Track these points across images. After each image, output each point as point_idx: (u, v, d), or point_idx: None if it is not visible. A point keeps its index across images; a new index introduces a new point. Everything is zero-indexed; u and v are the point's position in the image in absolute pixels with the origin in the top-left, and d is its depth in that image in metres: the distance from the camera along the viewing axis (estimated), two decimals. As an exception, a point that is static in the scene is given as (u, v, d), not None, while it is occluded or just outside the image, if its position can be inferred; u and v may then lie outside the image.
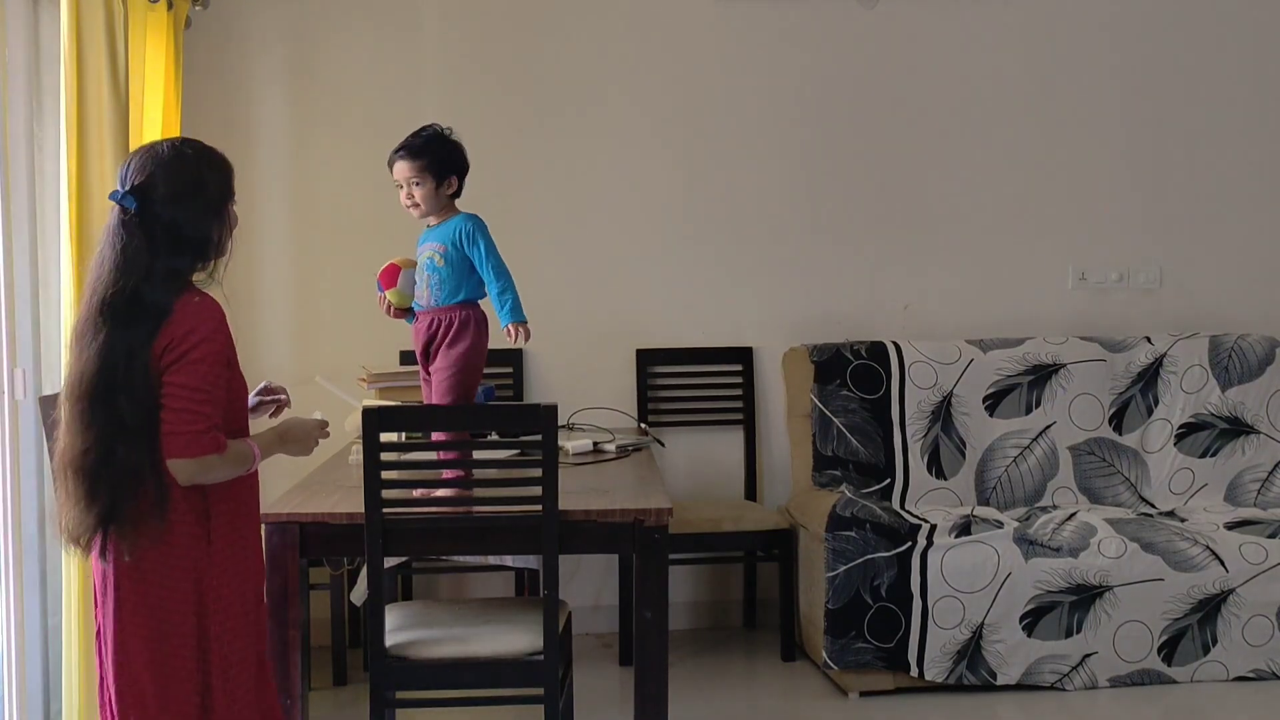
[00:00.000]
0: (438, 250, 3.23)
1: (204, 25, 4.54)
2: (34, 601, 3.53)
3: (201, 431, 2.39)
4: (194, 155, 2.48)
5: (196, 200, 2.45)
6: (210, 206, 2.48)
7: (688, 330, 4.85)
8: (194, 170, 2.46)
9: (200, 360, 2.39)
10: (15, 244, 3.41)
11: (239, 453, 2.48)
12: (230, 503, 2.51)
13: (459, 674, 3.10)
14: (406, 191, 3.23)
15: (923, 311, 4.90)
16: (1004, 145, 4.90)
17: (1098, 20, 4.91)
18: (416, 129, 3.25)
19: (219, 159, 2.53)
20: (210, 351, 2.41)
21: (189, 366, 2.38)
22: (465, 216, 3.27)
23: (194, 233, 2.44)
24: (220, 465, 2.43)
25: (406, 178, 3.21)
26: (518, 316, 3.24)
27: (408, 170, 3.21)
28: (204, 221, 2.46)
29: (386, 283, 3.31)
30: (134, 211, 2.40)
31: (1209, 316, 4.94)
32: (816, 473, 4.54)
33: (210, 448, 2.40)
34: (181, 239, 2.43)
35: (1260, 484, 4.60)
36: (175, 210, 2.42)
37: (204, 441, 2.39)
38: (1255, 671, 4.08)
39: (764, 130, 4.83)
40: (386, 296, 3.31)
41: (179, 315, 2.39)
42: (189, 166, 2.46)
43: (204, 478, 2.42)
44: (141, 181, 2.42)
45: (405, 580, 4.64)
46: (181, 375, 2.38)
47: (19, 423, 3.37)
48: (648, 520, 3.01)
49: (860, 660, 4.02)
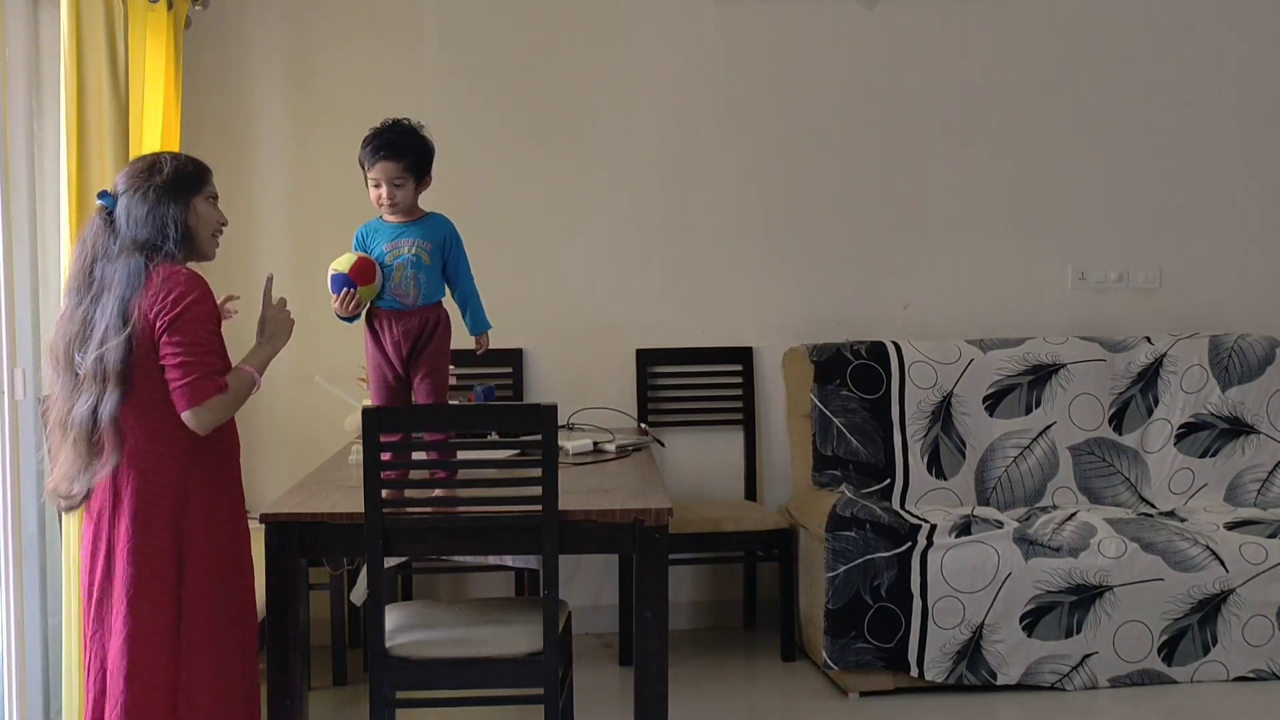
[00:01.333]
0: (424, 248, 3.13)
1: (204, 25, 4.54)
2: (34, 601, 3.53)
3: (199, 379, 2.64)
4: (156, 155, 2.81)
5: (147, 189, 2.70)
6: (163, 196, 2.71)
7: (688, 330, 4.85)
8: (152, 165, 2.74)
9: (194, 319, 2.65)
10: (15, 244, 3.41)
11: (241, 382, 2.75)
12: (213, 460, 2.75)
13: (459, 674, 3.10)
14: (386, 191, 3.10)
15: (923, 311, 4.90)
16: (1004, 145, 4.90)
17: (1098, 21, 4.92)
18: (385, 122, 3.14)
19: (183, 158, 2.81)
20: (201, 311, 2.67)
21: (183, 325, 2.64)
22: (444, 217, 3.21)
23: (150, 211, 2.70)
24: (227, 402, 2.70)
25: (389, 178, 3.09)
26: (487, 325, 3.30)
27: (392, 170, 3.09)
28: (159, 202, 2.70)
29: (364, 278, 3.07)
30: (107, 207, 2.72)
31: (1209, 316, 4.94)
32: (816, 473, 4.54)
33: (211, 390, 2.66)
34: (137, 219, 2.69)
35: (1260, 484, 4.60)
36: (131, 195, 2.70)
37: (203, 386, 2.64)
38: (1255, 671, 4.08)
39: (764, 130, 4.83)
40: (358, 294, 3.07)
41: (156, 284, 2.64)
42: (148, 163, 2.75)
43: (219, 418, 2.69)
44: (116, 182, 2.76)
45: (405, 580, 4.64)
46: (177, 334, 2.64)
47: (19, 423, 3.37)
48: (648, 520, 3.01)
49: (860, 660, 4.02)
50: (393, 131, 3.13)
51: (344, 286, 3.06)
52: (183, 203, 2.74)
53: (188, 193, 2.75)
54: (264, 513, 2.99)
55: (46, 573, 3.62)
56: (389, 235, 3.16)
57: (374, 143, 3.11)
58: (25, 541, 3.39)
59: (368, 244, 3.16)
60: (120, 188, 2.73)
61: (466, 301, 3.26)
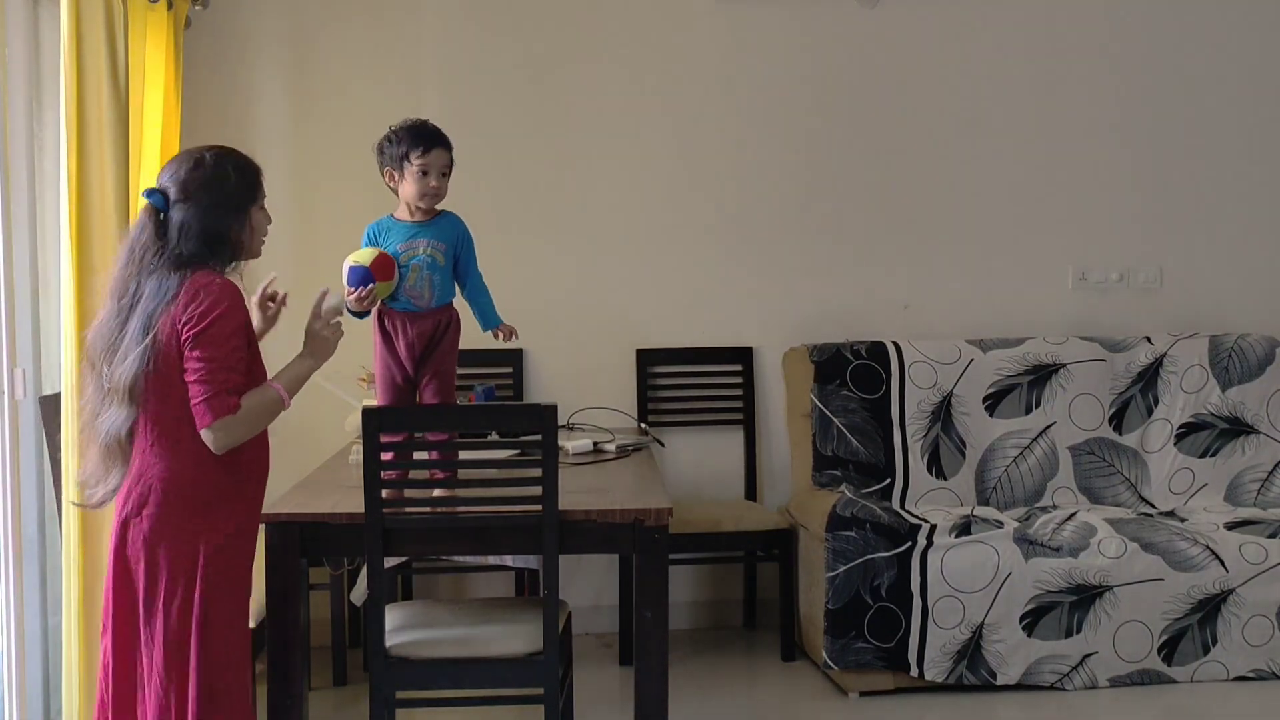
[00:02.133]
0: (438, 249, 3.14)
1: (204, 25, 4.54)
2: (34, 601, 3.53)
3: (212, 397, 2.57)
4: (213, 158, 2.67)
5: (208, 198, 2.62)
6: (224, 205, 2.64)
7: (688, 330, 4.85)
8: (210, 171, 2.64)
9: (218, 333, 2.57)
10: (15, 244, 3.41)
11: (261, 402, 2.67)
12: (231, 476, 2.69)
13: (459, 674, 3.10)
14: (433, 179, 3.10)
15: (923, 311, 4.90)
16: (1004, 145, 4.90)
17: (1098, 20, 4.91)
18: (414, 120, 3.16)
19: (242, 162, 2.71)
20: (227, 325, 2.59)
21: (206, 339, 2.56)
22: (456, 217, 3.22)
23: (206, 228, 2.62)
24: (240, 424, 2.61)
25: (441, 166, 3.11)
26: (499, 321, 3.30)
27: (445, 158, 3.13)
28: (217, 219, 2.63)
29: (385, 274, 3.04)
30: (157, 207, 2.62)
31: (1209, 316, 4.94)
32: (816, 473, 4.54)
33: (223, 410, 2.58)
34: (193, 233, 2.61)
35: (1260, 484, 4.60)
36: (187, 207, 2.61)
37: (215, 405, 2.57)
38: (1255, 671, 4.08)
39: (764, 130, 4.83)
40: (375, 290, 3.03)
41: (189, 293, 2.58)
42: (206, 168, 2.64)
43: (231, 439, 2.62)
44: (165, 180, 2.65)
45: (405, 580, 4.64)
46: (199, 348, 2.56)
47: (19, 423, 3.37)
48: (648, 520, 3.01)
49: (860, 660, 4.02)
50: (431, 126, 3.15)
51: (365, 281, 3.01)
52: (241, 215, 2.68)
53: (246, 204, 2.69)
54: (264, 512, 2.98)
55: (46, 573, 3.62)
56: (404, 235, 3.14)
57: (424, 132, 3.12)
58: (25, 541, 3.39)
59: (380, 242, 3.15)
60: (174, 194, 2.62)
61: (477, 299, 3.26)
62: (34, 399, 3.47)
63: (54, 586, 3.58)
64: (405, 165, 3.12)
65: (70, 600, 3.28)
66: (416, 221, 3.16)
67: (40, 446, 3.51)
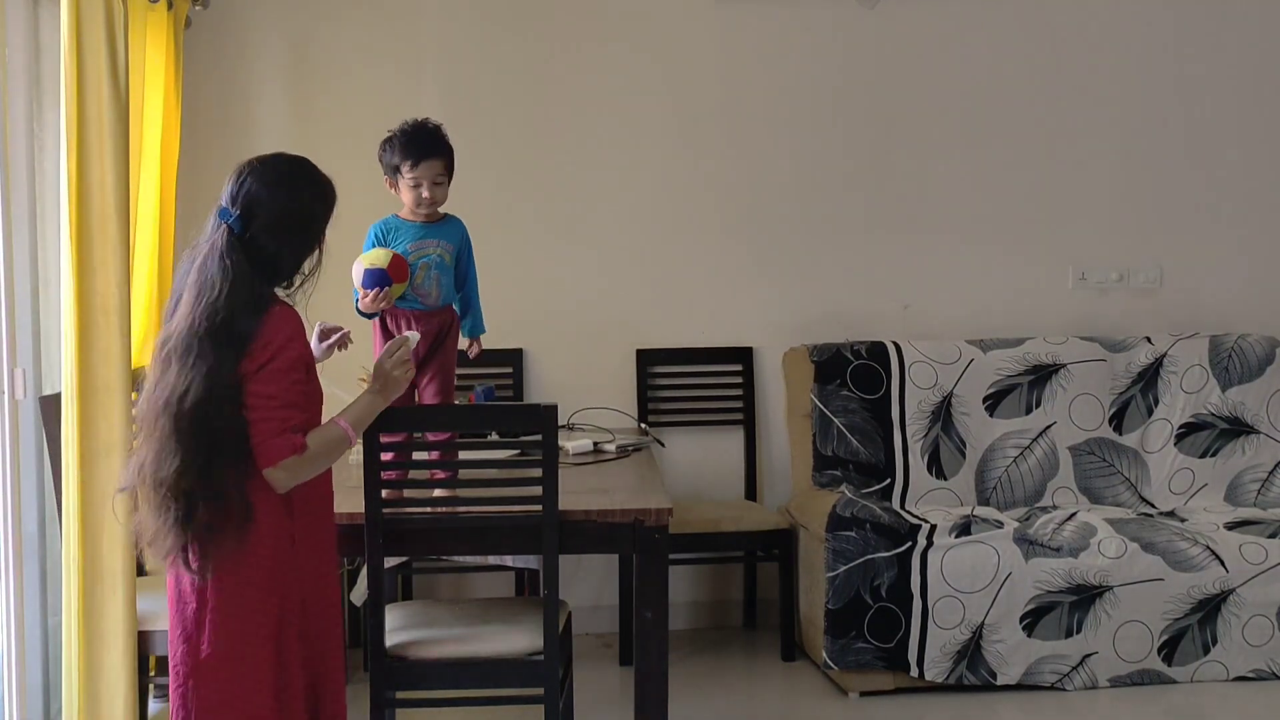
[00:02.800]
0: (447, 250, 3.17)
1: (204, 25, 4.54)
2: (34, 601, 3.53)
3: (274, 435, 2.44)
4: (307, 183, 2.54)
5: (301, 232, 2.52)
6: (312, 238, 2.55)
7: (688, 330, 4.85)
8: (302, 200, 2.52)
9: (278, 369, 2.44)
10: (15, 244, 3.41)
11: (325, 440, 2.54)
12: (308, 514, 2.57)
13: (459, 674, 3.10)
14: (428, 190, 3.12)
15: (923, 311, 4.90)
16: (1004, 145, 4.90)
17: (1098, 21, 4.91)
18: (414, 122, 3.16)
19: (325, 188, 2.58)
20: (287, 359, 2.46)
21: (267, 375, 2.44)
22: (460, 220, 3.24)
23: (292, 261, 2.52)
24: (306, 463, 2.49)
25: (433, 176, 3.11)
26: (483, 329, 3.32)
27: (437, 168, 3.12)
28: (303, 251, 2.53)
29: (400, 275, 3.03)
30: (239, 233, 2.45)
31: (1209, 316, 4.94)
32: (816, 473, 4.54)
33: (286, 451, 2.45)
34: (280, 268, 2.50)
35: (1260, 484, 4.60)
36: (279, 240, 2.49)
37: (278, 446, 2.44)
38: (1255, 671, 4.08)
39: (764, 130, 4.83)
40: (391, 292, 3.03)
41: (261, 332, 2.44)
42: (300, 195, 2.52)
43: (296, 479, 2.49)
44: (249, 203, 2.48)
45: (405, 580, 4.63)
46: (260, 384, 2.44)
47: (19, 423, 3.37)
48: (648, 520, 3.01)
49: (860, 660, 4.02)
50: (426, 130, 3.14)
51: (383, 283, 3.00)
52: (318, 241, 2.57)
53: (323, 229, 2.58)
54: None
55: (46, 573, 3.62)
56: (413, 235, 3.16)
57: (415, 142, 3.10)
58: (25, 541, 3.39)
59: (388, 242, 3.16)
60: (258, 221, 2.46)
61: (470, 304, 3.27)
62: (34, 399, 3.47)
63: (54, 586, 3.58)
64: (399, 176, 3.14)
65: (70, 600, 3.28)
66: (427, 222, 3.19)
67: (40, 446, 3.51)
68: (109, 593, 3.25)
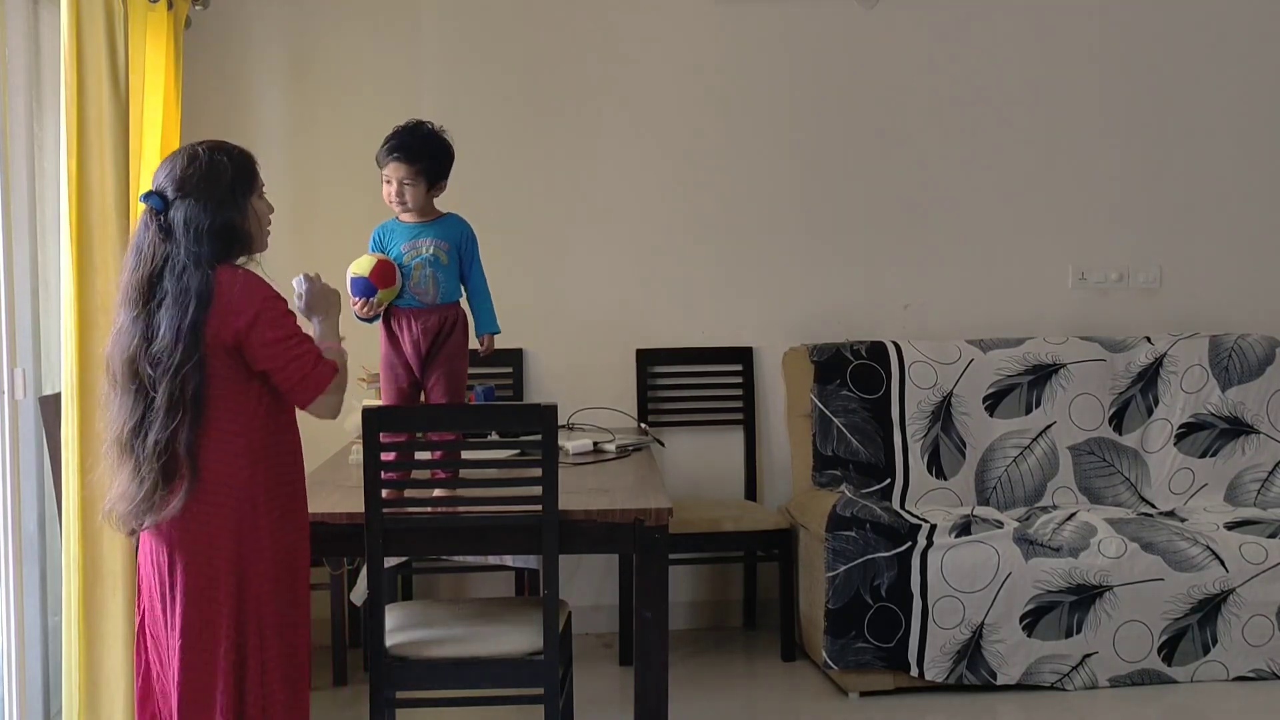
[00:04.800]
0: (442, 248, 3.16)
1: (204, 25, 4.54)
2: (34, 601, 3.53)
3: (315, 367, 2.61)
4: (206, 152, 2.63)
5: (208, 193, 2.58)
6: (225, 198, 2.61)
7: (688, 330, 4.85)
8: (206, 166, 2.60)
9: (279, 313, 2.58)
10: (15, 244, 3.41)
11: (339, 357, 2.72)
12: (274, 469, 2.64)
13: (459, 674, 3.10)
14: (396, 189, 3.14)
15: (923, 311, 4.90)
16: (1004, 145, 4.90)
17: (1098, 21, 4.91)
18: (408, 123, 3.18)
19: (235, 152, 2.67)
20: (281, 305, 2.60)
21: (273, 322, 2.56)
22: (460, 218, 3.24)
23: (214, 223, 2.58)
24: (342, 379, 2.68)
25: (400, 178, 3.13)
26: (496, 328, 3.29)
27: (403, 172, 3.12)
28: (222, 212, 2.59)
29: (384, 281, 3.09)
30: (156, 209, 2.58)
31: (1209, 316, 4.94)
32: (816, 473, 4.54)
33: (329, 373, 2.63)
34: (203, 230, 2.56)
35: (1260, 484, 4.60)
36: (189, 204, 2.57)
37: (322, 372, 2.62)
38: (1255, 671, 4.09)
39: (764, 130, 4.83)
40: (379, 298, 3.09)
41: (228, 292, 2.54)
42: (201, 163, 2.60)
43: (341, 398, 2.68)
44: (162, 181, 2.60)
45: (405, 580, 4.64)
46: (269, 332, 2.56)
47: (19, 423, 3.37)
48: (648, 520, 3.01)
49: (860, 660, 4.02)
50: (411, 134, 3.15)
51: (368, 292, 3.07)
52: (243, 206, 2.63)
53: (247, 194, 2.64)
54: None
55: (46, 573, 3.62)
56: (407, 235, 3.18)
57: (390, 142, 3.15)
58: (25, 541, 3.39)
59: (385, 245, 3.19)
60: (171, 193, 2.57)
61: (476, 301, 3.26)
62: (34, 399, 3.47)
63: (54, 586, 3.58)
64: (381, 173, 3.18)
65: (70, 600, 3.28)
66: (419, 222, 3.19)
67: (40, 446, 3.51)
68: (109, 593, 3.25)
